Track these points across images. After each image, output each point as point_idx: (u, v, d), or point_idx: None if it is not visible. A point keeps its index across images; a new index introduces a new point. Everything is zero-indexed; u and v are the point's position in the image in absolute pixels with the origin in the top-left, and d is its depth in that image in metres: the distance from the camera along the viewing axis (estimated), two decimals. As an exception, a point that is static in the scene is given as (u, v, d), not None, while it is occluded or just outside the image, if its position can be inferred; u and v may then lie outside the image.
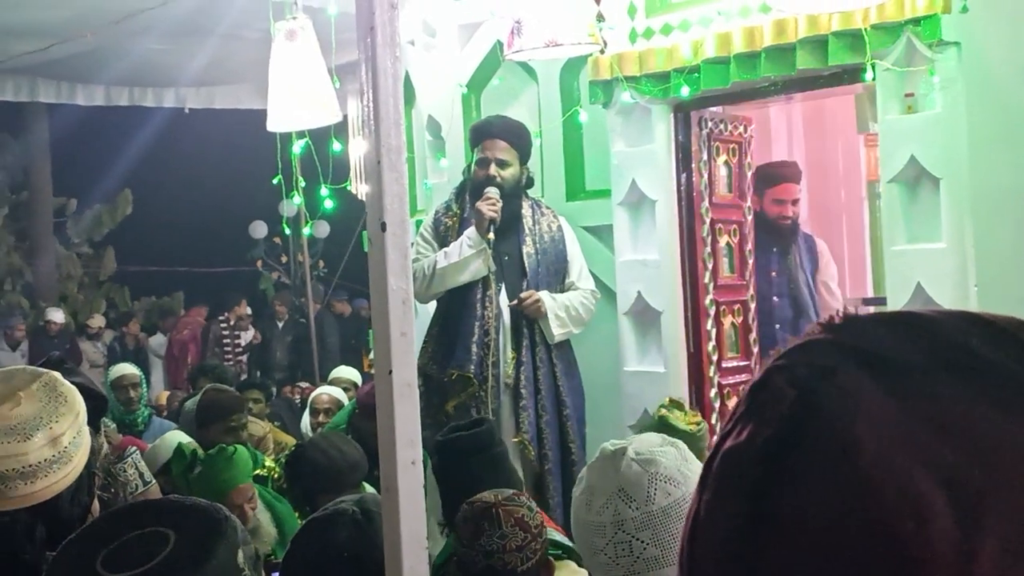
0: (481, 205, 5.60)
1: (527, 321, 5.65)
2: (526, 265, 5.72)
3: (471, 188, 5.82)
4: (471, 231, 5.65)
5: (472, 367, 5.58)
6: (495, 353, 5.63)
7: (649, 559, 2.06)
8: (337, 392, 7.28)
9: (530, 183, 5.90)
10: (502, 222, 5.65)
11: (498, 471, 3.99)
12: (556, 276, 5.81)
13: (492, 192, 5.62)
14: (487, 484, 3.67)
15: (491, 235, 5.58)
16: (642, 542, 2.06)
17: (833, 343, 0.75)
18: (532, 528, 3.02)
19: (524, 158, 5.82)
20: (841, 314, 0.77)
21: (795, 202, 6.77)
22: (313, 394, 7.33)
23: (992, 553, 0.66)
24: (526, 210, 5.82)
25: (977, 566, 0.66)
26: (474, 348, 5.60)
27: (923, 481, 0.67)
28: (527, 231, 5.78)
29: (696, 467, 2.16)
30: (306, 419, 7.21)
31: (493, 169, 5.69)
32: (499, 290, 5.71)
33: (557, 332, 5.67)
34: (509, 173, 5.72)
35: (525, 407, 5.58)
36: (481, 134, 5.82)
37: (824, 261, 6.92)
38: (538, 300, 5.61)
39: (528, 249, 5.74)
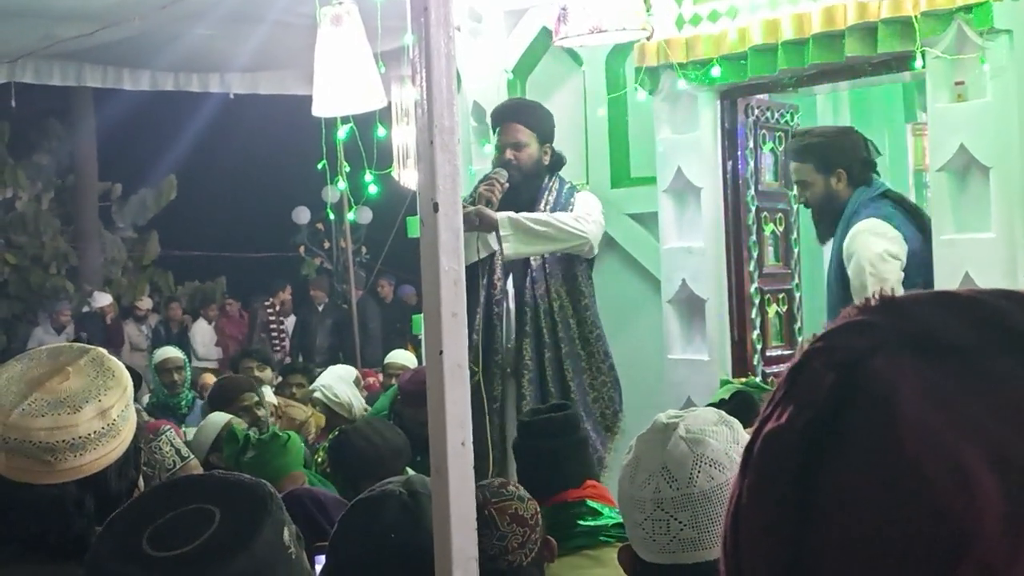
0: (481, 186, 5.47)
1: (530, 310, 5.46)
2: None
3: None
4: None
5: (471, 354, 5.46)
6: (496, 340, 5.51)
7: (685, 540, 2.05)
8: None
9: (557, 162, 5.67)
10: (519, 205, 5.43)
11: (573, 457, 3.94)
12: (569, 260, 5.52)
13: (497, 174, 5.45)
14: (562, 468, 3.65)
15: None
16: (680, 522, 2.05)
17: (871, 324, 0.75)
18: (528, 520, 2.90)
19: (543, 137, 5.61)
20: (877, 296, 0.77)
21: None
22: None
23: None
24: (551, 193, 5.60)
25: None
26: (473, 336, 5.51)
27: (971, 457, 0.67)
28: None
29: None
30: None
31: (509, 153, 5.55)
32: (505, 276, 5.56)
33: (507, 239, 5.28)
34: (526, 155, 5.54)
35: (524, 395, 5.43)
36: (497, 119, 5.72)
37: None
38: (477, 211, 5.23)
39: None
